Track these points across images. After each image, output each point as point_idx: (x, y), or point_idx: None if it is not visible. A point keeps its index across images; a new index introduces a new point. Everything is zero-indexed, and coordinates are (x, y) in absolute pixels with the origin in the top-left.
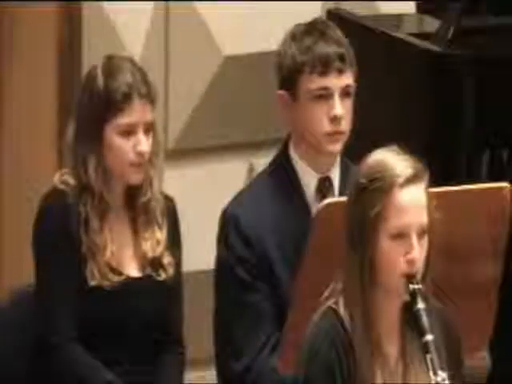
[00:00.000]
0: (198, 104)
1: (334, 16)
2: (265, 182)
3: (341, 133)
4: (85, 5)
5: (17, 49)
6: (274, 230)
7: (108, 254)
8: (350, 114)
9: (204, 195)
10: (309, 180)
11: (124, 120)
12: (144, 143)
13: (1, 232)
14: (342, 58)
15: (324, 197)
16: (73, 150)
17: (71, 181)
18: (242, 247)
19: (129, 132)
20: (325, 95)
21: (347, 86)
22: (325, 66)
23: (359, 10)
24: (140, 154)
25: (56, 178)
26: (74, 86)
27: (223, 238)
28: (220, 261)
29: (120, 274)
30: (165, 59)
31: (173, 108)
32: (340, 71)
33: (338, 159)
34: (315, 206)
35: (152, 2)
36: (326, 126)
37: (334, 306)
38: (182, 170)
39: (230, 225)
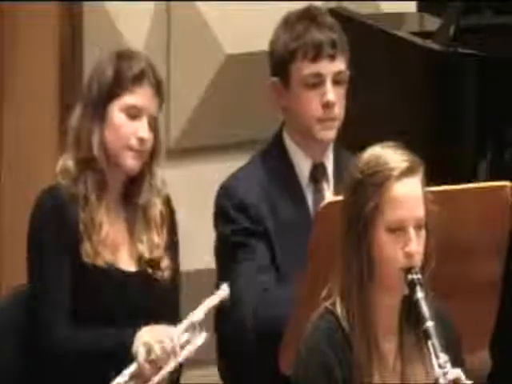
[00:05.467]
0: (199, 103)
1: (335, 15)
2: (259, 166)
3: (333, 119)
4: (86, 4)
5: (17, 48)
6: (269, 210)
7: (103, 233)
8: (342, 100)
9: (205, 194)
10: (303, 166)
11: (131, 100)
12: (146, 130)
13: (1, 232)
14: (333, 43)
15: (318, 183)
16: (78, 128)
17: (71, 165)
18: (238, 214)
19: (133, 115)
20: (317, 82)
21: (339, 72)
22: (316, 52)
23: (360, 8)
24: (141, 140)
25: (58, 165)
26: (75, 86)
27: (219, 212)
28: (218, 235)
29: (114, 256)
30: (166, 58)
31: (174, 107)
32: (332, 57)
33: (331, 145)
34: (309, 192)
35: (153, 1)
36: (318, 112)
37: (331, 308)
38: (184, 169)
39: (224, 197)
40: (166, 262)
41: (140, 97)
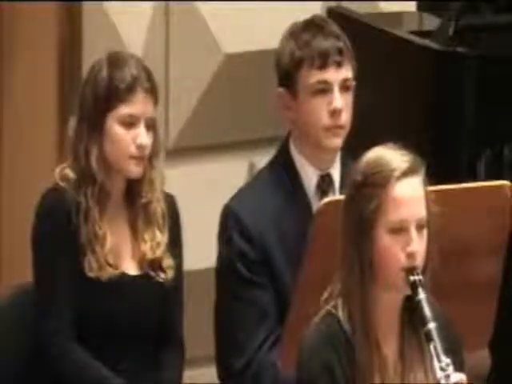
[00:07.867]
0: (198, 103)
1: (334, 14)
2: (265, 178)
3: (340, 127)
4: (85, 4)
5: (17, 48)
6: (274, 226)
7: (107, 246)
8: (349, 108)
9: (205, 194)
10: (309, 177)
11: (126, 110)
12: (144, 136)
13: (0, 231)
14: (340, 51)
15: (324, 194)
16: (74, 142)
17: (71, 174)
18: (242, 242)
19: (130, 124)
20: (324, 89)
21: (346, 80)
22: (323, 60)
23: (360, 8)
24: (140, 147)
25: (56, 173)
26: (74, 86)
27: (224, 234)
28: (221, 257)
29: (117, 268)
30: (165, 58)
31: (173, 107)
32: (339, 64)
33: (339, 156)
34: (316, 204)
35: (152, 1)
36: (326, 120)
37: (332, 310)
38: (183, 168)
39: (230, 220)
40: (168, 261)
41: (135, 105)
